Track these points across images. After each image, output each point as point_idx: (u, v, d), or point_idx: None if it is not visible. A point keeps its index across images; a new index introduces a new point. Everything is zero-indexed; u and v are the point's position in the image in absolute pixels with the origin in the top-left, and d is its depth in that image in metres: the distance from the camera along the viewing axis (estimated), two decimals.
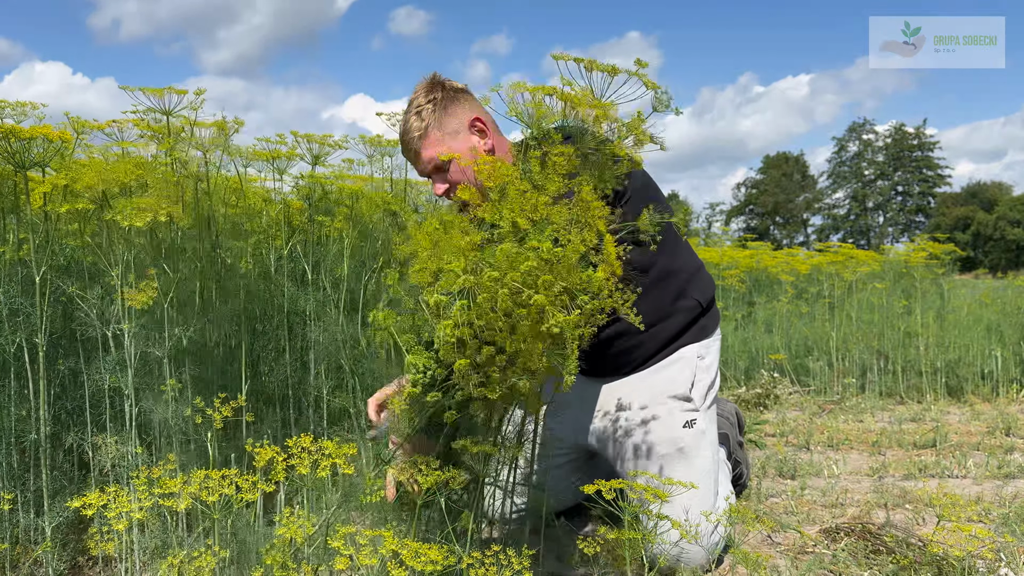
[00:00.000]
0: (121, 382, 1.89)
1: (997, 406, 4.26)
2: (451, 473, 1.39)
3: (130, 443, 1.90)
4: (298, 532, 1.21)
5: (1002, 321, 4.91)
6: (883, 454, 3.22)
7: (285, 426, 2.45)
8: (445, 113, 2.00)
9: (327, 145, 2.57)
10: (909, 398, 4.57)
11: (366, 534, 1.03)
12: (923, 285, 5.26)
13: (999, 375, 4.63)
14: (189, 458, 1.94)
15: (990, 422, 3.77)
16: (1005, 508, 2.38)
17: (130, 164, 2.02)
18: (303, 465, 1.27)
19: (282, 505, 2.14)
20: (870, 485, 2.73)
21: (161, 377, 2.00)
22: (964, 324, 4.87)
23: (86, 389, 2.01)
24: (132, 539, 1.83)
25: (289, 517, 1.25)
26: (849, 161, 64.95)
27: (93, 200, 2.03)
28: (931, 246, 5.56)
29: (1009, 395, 4.54)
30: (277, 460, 1.30)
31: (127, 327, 1.87)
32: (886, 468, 2.95)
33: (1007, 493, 2.58)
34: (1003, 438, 3.47)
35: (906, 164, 62.56)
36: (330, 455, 1.30)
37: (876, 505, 2.47)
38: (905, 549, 2.01)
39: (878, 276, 5.60)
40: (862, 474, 2.91)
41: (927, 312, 4.87)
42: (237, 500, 1.15)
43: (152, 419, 1.94)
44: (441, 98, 2.01)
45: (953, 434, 3.53)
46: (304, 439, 1.35)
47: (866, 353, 4.87)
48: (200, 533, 1.61)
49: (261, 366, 2.49)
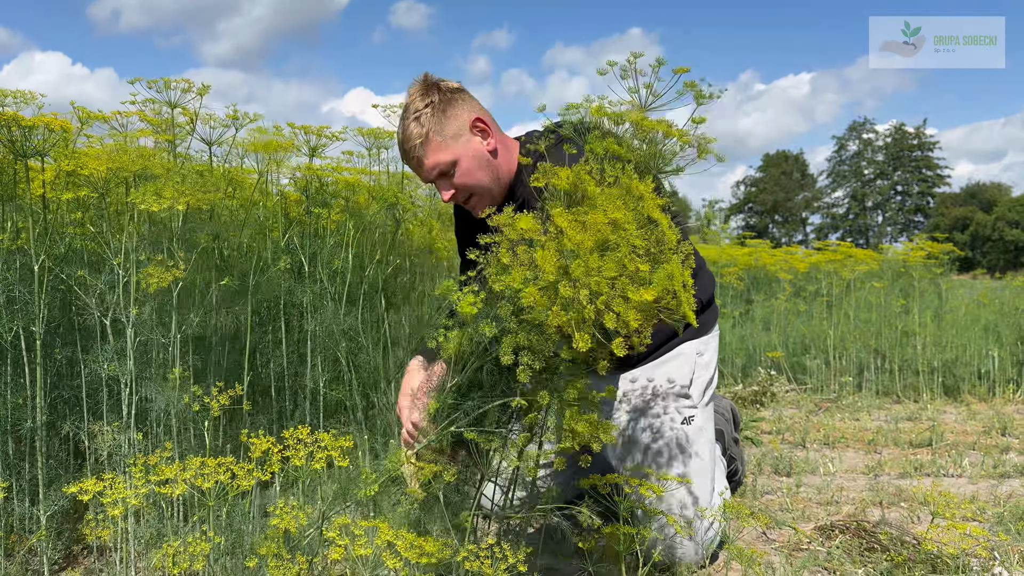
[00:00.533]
0: (119, 371, 1.88)
1: (993, 406, 4.27)
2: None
3: (128, 431, 1.90)
4: (292, 523, 1.22)
5: (999, 321, 4.91)
6: (879, 452, 3.23)
7: (282, 418, 2.45)
8: (444, 117, 1.97)
9: (324, 137, 2.57)
10: (906, 397, 4.57)
11: (361, 524, 1.03)
12: (921, 285, 5.26)
13: (996, 375, 4.63)
14: (187, 447, 1.94)
15: (986, 422, 3.78)
16: (1000, 507, 2.39)
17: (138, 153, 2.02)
18: (298, 457, 1.27)
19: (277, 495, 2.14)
20: (866, 483, 2.74)
21: (162, 366, 2.00)
22: (961, 324, 4.88)
23: (83, 378, 2.01)
24: (128, 527, 1.83)
25: (283, 508, 1.25)
26: (849, 160, 64.93)
27: (95, 188, 2.03)
28: (929, 246, 5.56)
29: (1005, 395, 4.54)
30: (272, 451, 1.30)
31: (135, 312, 1.86)
32: (882, 466, 2.96)
33: (1002, 492, 2.58)
34: (999, 438, 3.48)
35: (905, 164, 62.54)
36: (326, 447, 1.30)
37: (871, 503, 2.48)
38: (900, 547, 2.01)
39: (876, 275, 5.60)
40: (858, 472, 2.92)
41: (925, 312, 4.87)
42: (232, 488, 1.15)
43: (149, 408, 1.94)
44: (439, 101, 1.98)
45: (949, 433, 3.53)
46: (301, 430, 1.35)
47: (863, 352, 4.87)
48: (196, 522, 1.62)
49: (258, 358, 2.49)
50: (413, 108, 1.99)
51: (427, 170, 2.01)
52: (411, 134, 1.97)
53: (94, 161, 1.94)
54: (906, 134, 62.62)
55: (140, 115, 2.15)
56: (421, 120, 1.97)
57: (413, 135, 1.97)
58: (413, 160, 2.02)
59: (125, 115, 2.16)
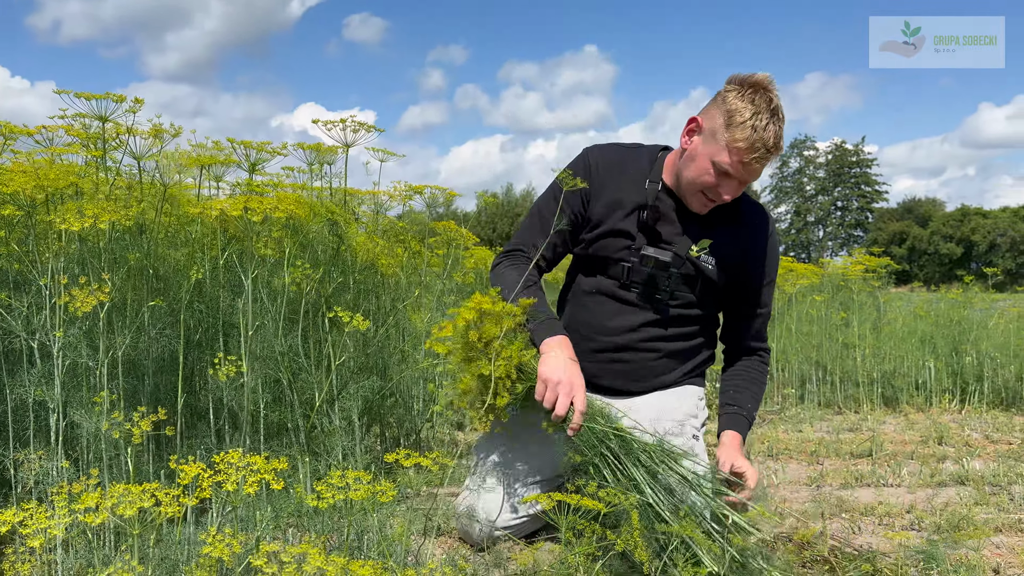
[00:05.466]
0: (47, 395, 1.81)
1: (930, 416, 4.38)
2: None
3: (56, 458, 1.82)
4: (225, 551, 1.17)
5: (935, 333, 5.04)
6: (821, 463, 3.28)
7: (220, 441, 2.38)
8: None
9: (265, 151, 2.52)
10: (847, 408, 4.66)
11: (290, 551, 1.00)
12: (860, 298, 5.38)
13: (932, 385, 4.75)
14: (118, 474, 1.87)
15: (924, 431, 3.87)
16: (936, 516, 2.43)
17: (65, 170, 1.95)
18: (230, 481, 1.23)
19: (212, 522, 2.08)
20: (808, 494, 2.77)
21: (92, 389, 1.92)
22: (899, 336, 5.00)
23: (8, 403, 1.93)
24: (56, 559, 1.75)
25: (216, 536, 1.21)
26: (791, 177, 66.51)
27: (20, 207, 1.95)
28: (868, 260, 5.69)
29: (942, 405, 4.66)
30: (203, 476, 1.26)
31: (59, 334, 1.79)
32: (824, 477, 3.00)
33: (938, 502, 2.64)
34: (936, 447, 3.56)
35: (846, 180, 64.31)
36: (259, 471, 1.26)
37: (814, 515, 2.51)
38: (841, 559, 2.04)
39: (817, 289, 5.71)
40: (801, 483, 2.95)
41: (864, 324, 4.98)
42: (157, 514, 1.11)
43: (79, 434, 1.87)
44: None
45: (889, 443, 3.60)
46: (232, 454, 1.31)
47: (805, 364, 4.96)
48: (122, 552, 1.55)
49: (196, 380, 2.42)
50: (782, 113, 2.00)
51: (751, 174, 2.03)
52: (779, 140, 1.99)
53: (20, 177, 1.86)
54: (846, 151, 64.46)
55: (67, 129, 2.08)
56: (782, 130, 2.00)
57: (779, 141, 2.00)
58: (760, 160, 2.00)
59: (51, 129, 2.09)
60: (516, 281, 2.09)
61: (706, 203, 2.13)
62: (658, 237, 2.18)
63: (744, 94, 1.99)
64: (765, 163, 2.01)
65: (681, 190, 2.17)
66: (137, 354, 2.11)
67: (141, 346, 2.08)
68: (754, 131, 1.95)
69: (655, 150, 2.30)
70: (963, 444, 3.64)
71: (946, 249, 53.90)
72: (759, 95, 1.97)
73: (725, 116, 2.00)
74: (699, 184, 2.09)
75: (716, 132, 2.02)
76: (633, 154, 2.28)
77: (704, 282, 2.19)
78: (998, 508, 2.58)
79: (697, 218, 2.19)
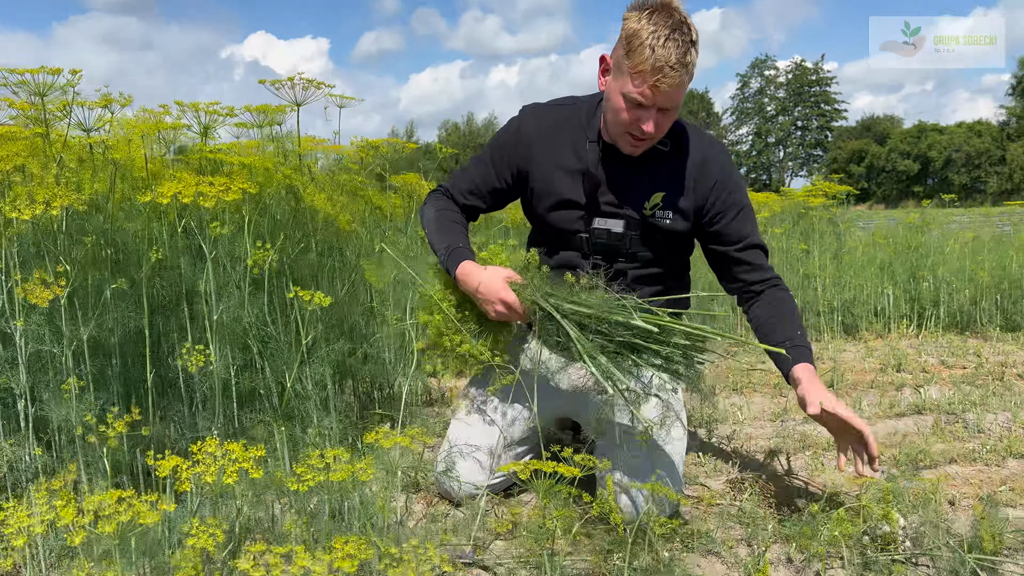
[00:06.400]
0: (12, 382, 1.80)
1: (889, 342, 4.51)
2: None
3: (27, 445, 1.81)
4: (209, 542, 1.19)
5: (893, 260, 5.15)
6: (784, 396, 3.37)
7: (193, 411, 2.38)
8: (697, 56, 1.89)
9: (217, 114, 2.46)
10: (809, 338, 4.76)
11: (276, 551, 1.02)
12: (820, 226, 5.45)
13: (891, 312, 4.88)
14: (93, 459, 1.87)
15: (883, 358, 3.99)
16: (895, 449, 2.53)
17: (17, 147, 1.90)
18: (209, 473, 1.24)
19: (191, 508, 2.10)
20: (772, 430, 2.86)
21: (59, 373, 1.90)
22: (858, 264, 5.10)
23: None
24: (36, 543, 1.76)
25: (199, 526, 1.23)
26: (752, 98, 66.43)
27: None
28: (827, 187, 5.75)
29: (900, 330, 4.79)
30: (181, 468, 1.27)
31: (20, 324, 1.77)
32: (787, 412, 3.08)
33: (897, 435, 2.74)
34: (894, 374, 3.67)
35: (805, 99, 64.39)
36: (237, 460, 1.28)
37: (778, 452, 2.59)
38: (805, 496, 2.12)
39: (779, 218, 5.77)
40: (765, 419, 3.04)
41: (824, 254, 5.07)
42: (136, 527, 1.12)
43: (51, 417, 1.86)
44: (697, 37, 1.89)
45: (849, 372, 3.71)
46: (209, 442, 1.32)
47: None
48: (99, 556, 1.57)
49: (163, 346, 2.40)
50: (693, 34, 1.85)
51: (665, 99, 1.88)
52: (684, 56, 1.82)
53: None
54: (806, 70, 64.36)
55: (8, 101, 2.00)
56: (694, 50, 1.85)
57: (686, 57, 1.83)
58: (667, 81, 1.84)
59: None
60: (439, 222, 2.16)
61: (635, 143, 2.00)
62: (608, 204, 2.10)
63: (642, 16, 1.85)
64: (676, 83, 1.85)
65: (612, 137, 2.05)
66: (103, 333, 2.09)
67: (106, 325, 2.06)
68: (652, 51, 1.81)
69: (594, 102, 2.16)
70: (920, 370, 3.76)
71: (903, 166, 54.57)
72: (657, 13, 1.84)
73: (625, 44, 1.87)
74: (620, 124, 1.96)
75: (620, 63, 1.90)
76: (569, 112, 2.17)
77: (665, 235, 2.13)
78: (953, 436, 2.69)
79: (643, 167, 2.09)
